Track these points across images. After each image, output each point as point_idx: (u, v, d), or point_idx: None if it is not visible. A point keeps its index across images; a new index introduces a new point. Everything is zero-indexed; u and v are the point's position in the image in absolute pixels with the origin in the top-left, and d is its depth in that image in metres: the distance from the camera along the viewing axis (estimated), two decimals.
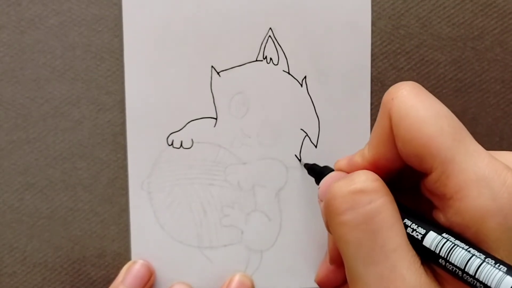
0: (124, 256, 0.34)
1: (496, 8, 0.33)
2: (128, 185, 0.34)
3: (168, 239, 0.34)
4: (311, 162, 0.33)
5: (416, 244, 0.23)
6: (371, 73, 0.33)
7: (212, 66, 0.33)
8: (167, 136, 0.33)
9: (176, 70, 0.33)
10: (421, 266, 0.22)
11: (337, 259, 0.28)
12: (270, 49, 0.33)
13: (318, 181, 0.29)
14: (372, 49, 0.33)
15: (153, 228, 0.34)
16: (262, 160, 0.34)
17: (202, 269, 0.34)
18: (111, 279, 0.34)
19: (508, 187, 0.21)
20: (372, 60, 0.33)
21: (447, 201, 0.22)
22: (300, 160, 0.34)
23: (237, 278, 0.33)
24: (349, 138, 0.33)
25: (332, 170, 0.29)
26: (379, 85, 0.33)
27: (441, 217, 0.23)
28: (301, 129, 0.34)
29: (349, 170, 0.26)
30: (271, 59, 0.33)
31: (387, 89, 0.33)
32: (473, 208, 0.21)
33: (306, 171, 0.32)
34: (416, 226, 0.23)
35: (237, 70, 0.33)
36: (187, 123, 0.33)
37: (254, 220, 0.34)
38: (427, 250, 0.22)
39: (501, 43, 0.33)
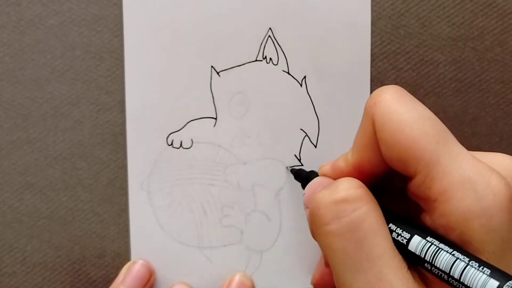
0: (124, 256, 0.34)
1: (496, 8, 0.33)
2: (128, 185, 0.34)
3: (168, 239, 0.34)
4: (311, 162, 0.33)
5: (402, 248, 0.23)
6: (371, 73, 0.33)
7: (212, 66, 0.33)
8: (167, 136, 0.33)
9: (176, 70, 0.33)
10: (408, 271, 0.22)
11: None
12: (270, 49, 0.33)
13: (304, 186, 0.29)
14: (372, 49, 0.33)
15: (153, 228, 0.34)
16: (262, 160, 0.34)
17: (202, 269, 0.34)
18: (111, 279, 0.34)
19: (493, 188, 0.21)
20: (372, 60, 0.33)
21: (432, 204, 0.22)
22: (300, 160, 0.34)
23: (237, 278, 0.33)
24: (349, 138, 0.33)
25: (318, 175, 0.29)
26: (379, 85, 0.33)
27: (427, 220, 0.23)
28: (301, 129, 0.34)
29: (333, 175, 0.27)
30: (270, 59, 0.33)
31: None
32: (458, 210, 0.21)
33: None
34: (401, 230, 0.23)
35: (237, 70, 0.33)
36: (187, 123, 0.33)
37: (254, 220, 0.34)
38: (413, 254, 0.22)
39: (501, 43, 0.33)
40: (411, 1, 0.33)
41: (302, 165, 0.34)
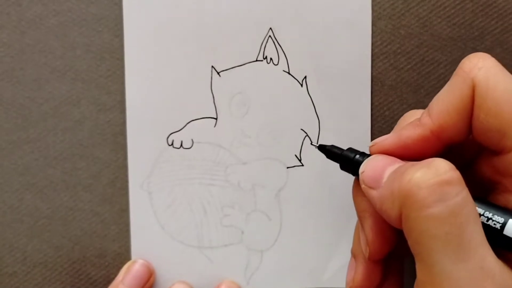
0: (124, 256, 0.34)
1: (496, 8, 0.33)
2: (128, 185, 0.34)
3: (168, 239, 0.34)
4: (311, 162, 0.33)
5: (493, 234, 0.21)
6: (371, 73, 0.33)
7: (212, 66, 0.33)
8: (167, 136, 0.33)
9: (176, 70, 0.33)
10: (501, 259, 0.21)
11: (379, 254, 0.26)
12: (270, 49, 0.33)
13: (344, 166, 0.28)
14: (372, 49, 0.33)
15: (153, 228, 0.34)
16: (262, 160, 0.34)
17: (202, 269, 0.34)
18: (111, 279, 0.34)
19: None
20: (372, 60, 0.33)
21: None
22: (300, 160, 0.34)
23: (223, 286, 0.33)
24: (349, 138, 0.33)
25: (358, 152, 0.27)
26: (379, 85, 0.33)
27: (502, 201, 0.22)
28: (301, 129, 0.34)
29: (399, 147, 0.25)
30: (271, 59, 0.33)
31: (387, 89, 0.33)
32: None
33: (306, 170, 0.32)
34: (491, 214, 0.22)
35: (237, 70, 0.33)
36: (187, 123, 0.33)
37: (254, 220, 0.34)
38: (509, 239, 0.21)
39: (501, 43, 0.33)
40: (412, 1, 0.33)
41: (302, 165, 0.34)
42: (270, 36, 0.33)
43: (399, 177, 0.22)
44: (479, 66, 0.23)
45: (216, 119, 0.33)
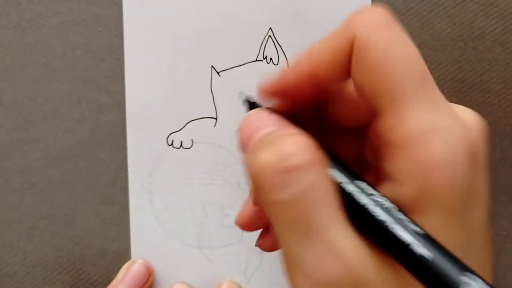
0: (124, 256, 0.34)
1: (496, 8, 0.33)
2: (129, 185, 0.34)
3: (168, 239, 0.34)
4: None
5: (357, 209, 0.21)
6: None
7: (212, 66, 0.33)
8: (167, 136, 0.33)
9: (176, 70, 0.33)
10: (362, 239, 0.21)
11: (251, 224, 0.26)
12: (270, 49, 0.33)
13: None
14: None
15: (153, 228, 0.34)
16: None
17: (202, 269, 0.34)
18: (111, 279, 0.34)
19: (461, 139, 0.20)
20: None
21: (395, 149, 0.20)
22: None
23: (224, 286, 0.33)
24: None
25: (254, 104, 0.26)
26: None
27: (385, 168, 0.21)
28: None
29: (283, 93, 0.24)
30: (271, 59, 0.33)
31: None
32: (424, 158, 0.19)
33: None
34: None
35: (237, 70, 0.33)
36: (187, 123, 0.33)
37: None
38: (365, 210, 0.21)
39: (502, 43, 0.33)
40: (412, 1, 0.33)
41: None
42: (270, 36, 0.33)
43: (252, 155, 0.21)
44: (363, 22, 0.21)
45: (216, 119, 0.33)
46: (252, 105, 0.27)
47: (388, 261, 0.20)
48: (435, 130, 0.20)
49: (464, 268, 0.18)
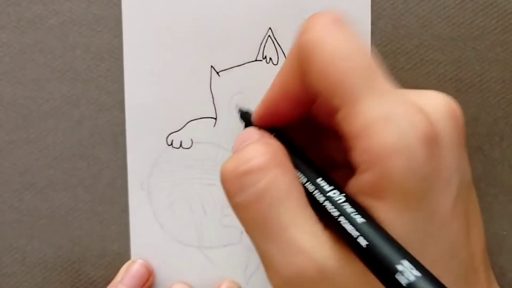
0: (124, 256, 0.34)
1: (496, 8, 0.33)
2: (128, 185, 0.34)
3: (168, 239, 0.34)
4: None
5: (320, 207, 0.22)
6: None
7: (211, 66, 0.33)
8: (167, 136, 0.33)
9: (175, 70, 0.33)
10: (325, 232, 0.22)
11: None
12: (269, 49, 0.33)
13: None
14: (372, 49, 0.33)
15: (153, 228, 0.34)
16: None
17: (202, 269, 0.34)
18: (111, 279, 0.34)
19: (415, 125, 0.20)
20: None
21: (353, 141, 0.21)
22: None
23: (224, 286, 0.33)
24: None
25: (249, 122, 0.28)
26: None
27: (351, 160, 0.22)
28: None
29: (257, 116, 0.26)
30: (270, 59, 0.33)
31: None
32: (379, 146, 0.20)
33: None
34: (314, 188, 0.22)
35: (237, 70, 0.33)
36: (187, 123, 0.33)
37: None
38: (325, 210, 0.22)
39: (501, 43, 0.33)
40: (411, 1, 0.33)
41: None
42: (269, 36, 0.33)
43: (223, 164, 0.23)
44: (308, 28, 0.22)
45: (215, 119, 0.33)
46: (247, 121, 0.29)
47: (352, 253, 0.21)
48: (386, 118, 0.20)
49: (403, 256, 0.19)
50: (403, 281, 0.18)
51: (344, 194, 0.22)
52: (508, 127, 0.34)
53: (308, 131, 0.26)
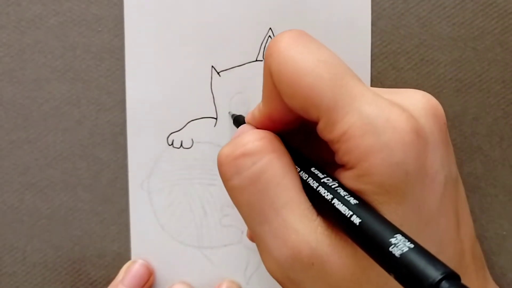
0: (124, 256, 0.34)
1: (496, 8, 0.33)
2: (128, 185, 0.34)
3: (168, 239, 0.34)
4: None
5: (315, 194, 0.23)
6: (371, 73, 0.33)
7: (212, 66, 0.33)
8: (167, 136, 0.33)
9: (176, 70, 0.33)
10: (318, 218, 0.22)
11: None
12: None
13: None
14: (372, 49, 0.33)
15: (153, 228, 0.34)
16: None
17: (202, 269, 0.34)
18: (111, 279, 0.34)
19: (392, 123, 0.21)
20: (372, 60, 0.33)
21: (336, 146, 0.22)
22: None
23: (224, 286, 0.33)
24: None
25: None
26: (379, 85, 0.33)
27: (337, 161, 0.23)
28: None
29: (253, 123, 0.26)
30: None
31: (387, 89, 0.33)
32: (358, 147, 0.21)
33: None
34: (307, 176, 0.23)
35: (237, 70, 0.33)
36: (187, 123, 0.33)
37: None
38: (322, 197, 0.22)
39: (501, 43, 0.33)
40: (412, 1, 0.33)
41: None
42: (270, 36, 0.33)
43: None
44: (270, 52, 0.23)
45: (216, 119, 0.33)
46: (235, 120, 0.31)
47: (343, 237, 0.22)
48: (361, 120, 0.21)
49: (396, 231, 0.19)
50: (397, 252, 0.18)
51: (337, 181, 0.22)
52: (508, 127, 0.34)
53: (300, 133, 0.26)
